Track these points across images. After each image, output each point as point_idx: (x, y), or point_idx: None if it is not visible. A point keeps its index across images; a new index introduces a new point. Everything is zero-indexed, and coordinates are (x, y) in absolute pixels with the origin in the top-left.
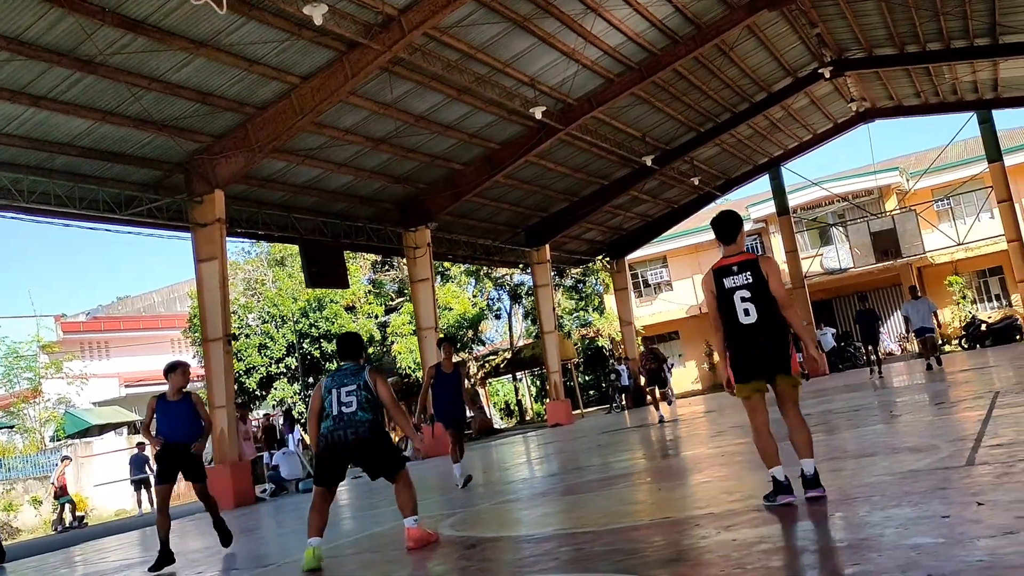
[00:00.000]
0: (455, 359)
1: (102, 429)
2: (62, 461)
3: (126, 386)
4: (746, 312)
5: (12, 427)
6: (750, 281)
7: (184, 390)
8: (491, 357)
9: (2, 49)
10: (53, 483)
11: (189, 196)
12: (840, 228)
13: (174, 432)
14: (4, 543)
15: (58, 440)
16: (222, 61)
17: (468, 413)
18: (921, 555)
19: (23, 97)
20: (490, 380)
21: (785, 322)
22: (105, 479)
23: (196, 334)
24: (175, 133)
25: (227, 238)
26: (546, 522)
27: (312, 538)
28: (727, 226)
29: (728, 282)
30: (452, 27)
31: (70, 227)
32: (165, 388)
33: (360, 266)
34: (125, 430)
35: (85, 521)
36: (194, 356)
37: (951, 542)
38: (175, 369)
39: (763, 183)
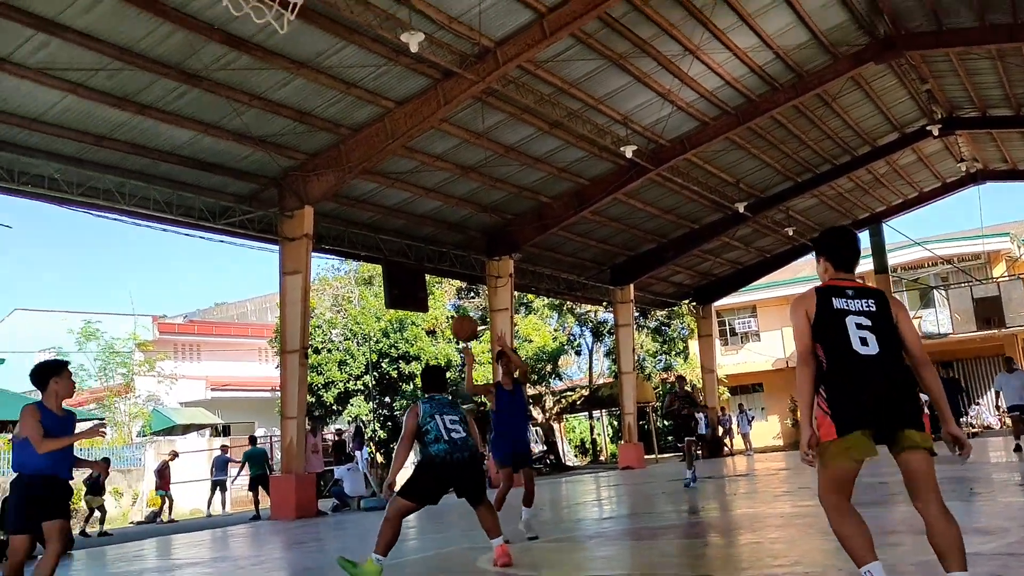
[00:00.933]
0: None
1: (186, 429)
2: (169, 455)
3: (212, 389)
4: (863, 341)
5: (103, 419)
6: (873, 310)
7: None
8: (568, 393)
9: (115, 59)
10: (158, 474)
11: (280, 210)
12: (942, 291)
13: (63, 463)
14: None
15: (144, 436)
16: (321, 82)
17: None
18: None
19: (131, 105)
20: (566, 416)
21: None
22: (184, 478)
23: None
24: (272, 149)
25: (313, 254)
26: (584, 566)
27: (380, 554)
28: (851, 246)
29: (839, 302)
30: (547, 61)
31: (167, 232)
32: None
33: (445, 291)
34: (208, 432)
35: (160, 517)
36: (276, 366)
37: None
38: (61, 370)
39: (862, 239)
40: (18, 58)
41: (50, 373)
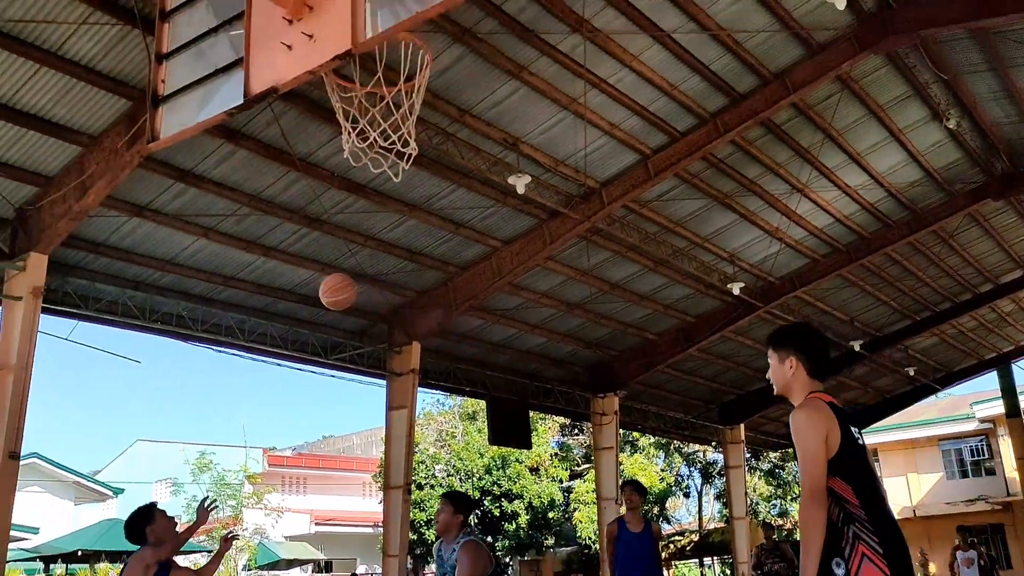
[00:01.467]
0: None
1: (289, 564)
2: None
3: (316, 524)
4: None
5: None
6: (864, 444)
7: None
8: (677, 538)
9: (244, 204)
10: None
11: (389, 346)
12: None
13: None
14: None
15: (249, 570)
16: (431, 223)
17: None
18: None
19: (257, 247)
20: (675, 563)
21: None
22: None
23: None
24: (384, 287)
25: (419, 389)
26: None
27: None
28: (828, 352)
29: (857, 436)
30: (652, 201)
31: (281, 367)
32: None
33: (549, 427)
34: (310, 568)
35: None
36: (379, 501)
37: None
38: (151, 515)
39: (991, 379)
40: (157, 205)
41: (142, 523)
